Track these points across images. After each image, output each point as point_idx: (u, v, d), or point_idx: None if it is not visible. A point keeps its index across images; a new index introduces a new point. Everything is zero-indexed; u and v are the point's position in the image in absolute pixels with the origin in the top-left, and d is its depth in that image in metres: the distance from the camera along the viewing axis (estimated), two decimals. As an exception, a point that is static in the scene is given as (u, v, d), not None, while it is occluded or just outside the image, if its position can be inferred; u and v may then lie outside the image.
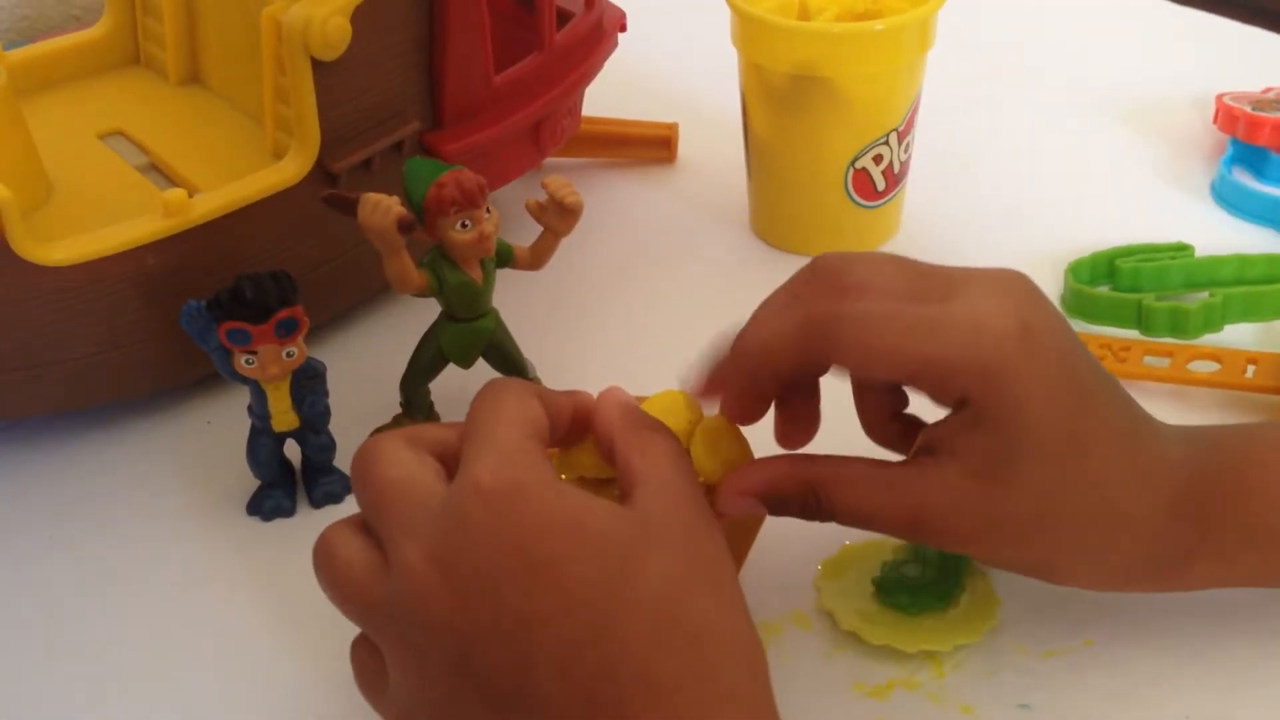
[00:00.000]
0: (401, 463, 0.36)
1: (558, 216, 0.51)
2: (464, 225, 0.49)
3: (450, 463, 0.36)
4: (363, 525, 0.36)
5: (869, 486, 0.39)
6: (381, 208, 0.47)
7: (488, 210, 0.49)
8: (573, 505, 0.34)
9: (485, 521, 0.33)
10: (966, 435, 0.38)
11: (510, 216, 0.53)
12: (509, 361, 0.53)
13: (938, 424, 0.39)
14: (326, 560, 0.36)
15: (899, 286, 0.38)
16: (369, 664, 0.36)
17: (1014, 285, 0.39)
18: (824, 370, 0.40)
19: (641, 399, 0.44)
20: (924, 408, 0.41)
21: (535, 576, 0.32)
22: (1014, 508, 0.38)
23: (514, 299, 0.54)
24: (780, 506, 0.40)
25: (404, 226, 0.47)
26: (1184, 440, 0.41)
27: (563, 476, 0.43)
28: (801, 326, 0.38)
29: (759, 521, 0.45)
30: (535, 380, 0.54)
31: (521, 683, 0.32)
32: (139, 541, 0.50)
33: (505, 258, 0.52)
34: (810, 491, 0.39)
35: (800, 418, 0.42)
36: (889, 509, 0.39)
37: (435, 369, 0.53)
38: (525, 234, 0.52)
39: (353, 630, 0.37)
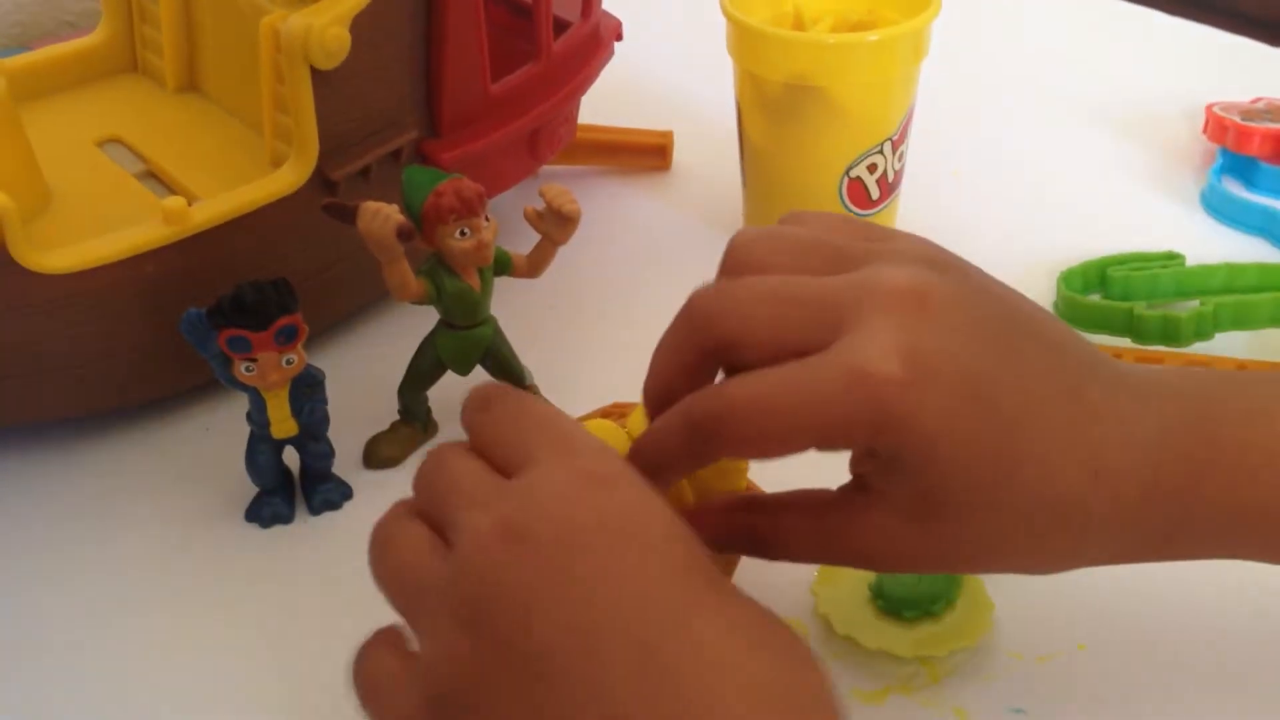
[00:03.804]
0: (470, 465, 0.36)
1: (556, 224, 0.51)
2: (462, 233, 0.49)
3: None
4: (417, 515, 0.36)
5: (807, 537, 0.38)
6: (381, 216, 0.47)
7: (486, 218, 0.49)
8: (662, 505, 0.34)
9: (574, 495, 0.33)
10: (888, 476, 0.36)
11: (507, 224, 0.53)
12: (506, 369, 0.54)
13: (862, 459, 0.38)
14: (385, 543, 0.36)
15: (788, 317, 0.36)
16: (387, 665, 0.35)
17: (905, 292, 0.35)
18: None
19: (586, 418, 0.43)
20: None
21: (614, 549, 0.32)
22: (957, 537, 0.36)
23: (512, 307, 0.55)
24: (733, 550, 0.40)
25: (403, 234, 0.48)
26: (1152, 397, 0.37)
27: None
28: (686, 424, 0.36)
29: None
30: (533, 388, 0.54)
31: (583, 647, 0.31)
32: (137, 548, 0.50)
33: (503, 266, 0.52)
34: (758, 541, 0.39)
35: None
36: (832, 554, 0.38)
37: (433, 376, 0.53)
38: (522, 242, 0.52)
39: (353, 638, 0.37)
